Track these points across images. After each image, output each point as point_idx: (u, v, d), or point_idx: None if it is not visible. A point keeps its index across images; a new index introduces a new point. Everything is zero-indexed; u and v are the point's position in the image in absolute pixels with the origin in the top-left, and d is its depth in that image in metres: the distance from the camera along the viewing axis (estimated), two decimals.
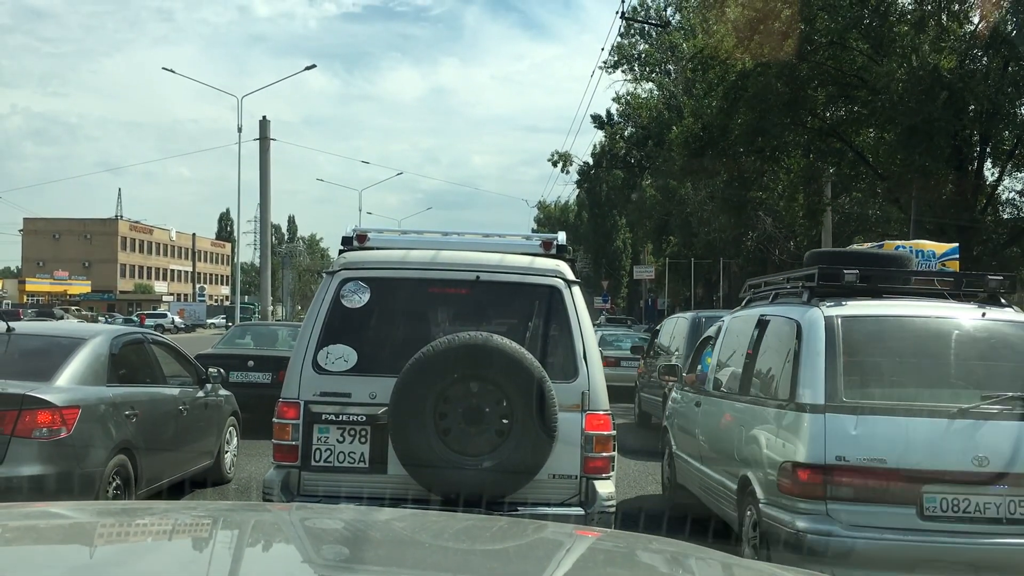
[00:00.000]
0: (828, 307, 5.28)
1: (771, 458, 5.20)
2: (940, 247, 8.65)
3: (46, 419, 5.79)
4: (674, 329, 12.46)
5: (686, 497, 7.21)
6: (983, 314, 5.33)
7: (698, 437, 6.94)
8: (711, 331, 7.70)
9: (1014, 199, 20.08)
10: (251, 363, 11.85)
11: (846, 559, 4.68)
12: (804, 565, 4.86)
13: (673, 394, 8.24)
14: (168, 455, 7.25)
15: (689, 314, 12.42)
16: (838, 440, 4.80)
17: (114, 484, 6.27)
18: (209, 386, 8.17)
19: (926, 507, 4.71)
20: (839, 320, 5.16)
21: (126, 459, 6.41)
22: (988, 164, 19.01)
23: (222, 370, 8.62)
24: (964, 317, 5.33)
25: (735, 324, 6.98)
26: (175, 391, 7.55)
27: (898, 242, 9.42)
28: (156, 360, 7.56)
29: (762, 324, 6.10)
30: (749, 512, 5.39)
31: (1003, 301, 5.65)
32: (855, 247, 9.81)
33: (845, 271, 5.53)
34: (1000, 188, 19.35)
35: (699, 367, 7.61)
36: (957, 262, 8.47)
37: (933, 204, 17.85)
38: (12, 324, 6.74)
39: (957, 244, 8.96)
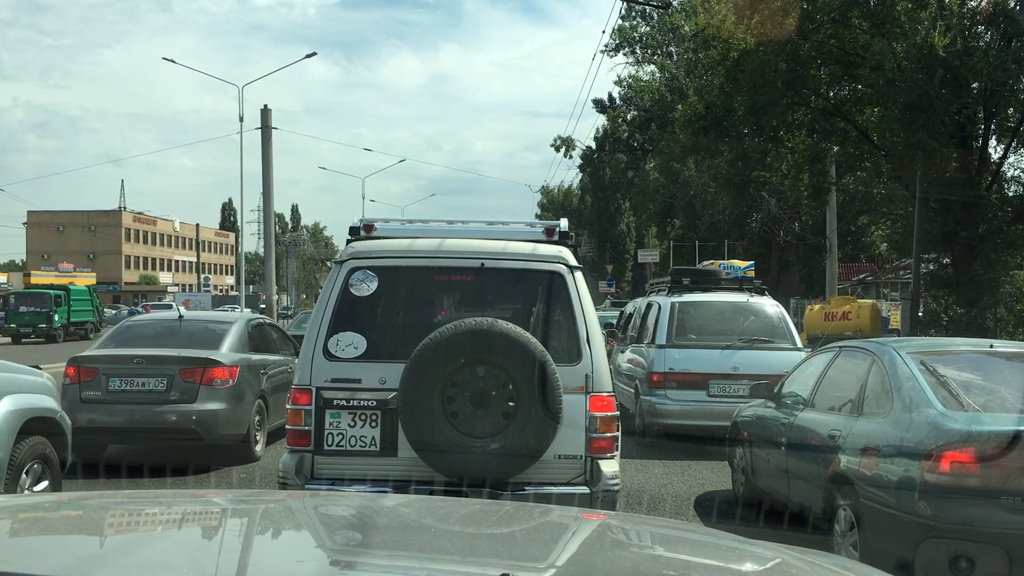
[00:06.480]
0: (675, 297, 10.79)
1: (644, 372, 10.51)
2: (743, 263, 29.20)
3: (222, 374, 8.68)
4: (627, 308, 19.36)
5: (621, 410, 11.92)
6: (748, 299, 10.83)
7: (620, 369, 11.89)
8: (631, 309, 13.56)
9: (1019, 176, 19.94)
10: None
11: (674, 415, 9.99)
12: (659, 423, 10.04)
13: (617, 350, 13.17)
14: (282, 403, 9.51)
15: (639, 299, 18.18)
16: (670, 360, 10.13)
17: (256, 419, 9.12)
18: None
19: (710, 390, 10.00)
20: (677, 303, 10.62)
21: (263, 403, 9.33)
22: (993, 142, 18.90)
23: None
24: (738, 300, 10.83)
25: (640, 304, 12.49)
26: (282, 358, 10.24)
27: (722, 262, 29.51)
28: (271, 336, 10.52)
29: (649, 305, 11.48)
30: (637, 399, 10.58)
31: (765, 292, 11.20)
32: (700, 266, 27.86)
33: (683, 279, 11.38)
34: (1005, 165, 19.22)
35: (628, 331, 12.65)
36: (753, 271, 27.81)
37: (938, 182, 17.76)
38: (182, 313, 10.19)
39: (753, 262, 29.18)
